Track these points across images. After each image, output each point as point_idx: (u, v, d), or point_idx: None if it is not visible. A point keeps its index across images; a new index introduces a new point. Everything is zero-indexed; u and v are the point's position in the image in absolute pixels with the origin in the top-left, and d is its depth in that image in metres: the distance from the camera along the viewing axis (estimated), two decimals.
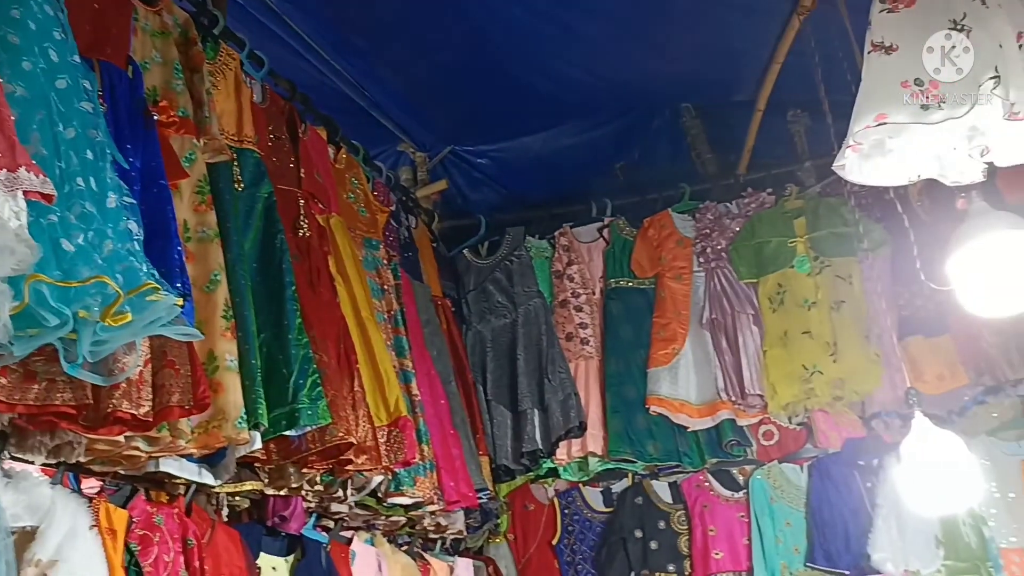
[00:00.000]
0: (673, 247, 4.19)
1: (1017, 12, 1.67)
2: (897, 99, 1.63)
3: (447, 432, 3.49)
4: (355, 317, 3.07)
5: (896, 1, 1.73)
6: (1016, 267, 2.01)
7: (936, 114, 1.59)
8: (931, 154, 1.78)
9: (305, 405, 2.39)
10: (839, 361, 3.71)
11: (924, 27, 1.67)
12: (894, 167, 1.81)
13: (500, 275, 4.22)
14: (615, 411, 3.92)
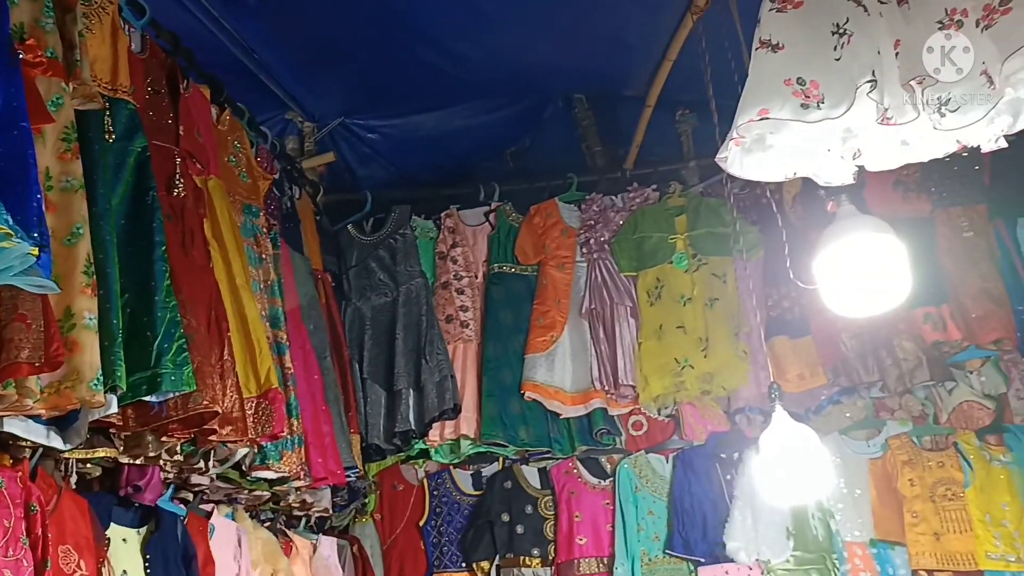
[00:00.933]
0: (557, 236, 4.22)
1: (896, 21, 1.74)
2: (780, 96, 1.68)
3: (319, 408, 3.42)
4: (229, 284, 2.96)
5: (785, 2, 1.79)
6: (876, 270, 2.12)
7: (815, 113, 1.65)
8: (808, 153, 1.85)
9: (168, 370, 2.28)
10: (709, 356, 3.83)
11: (809, 28, 1.72)
12: (773, 163, 1.87)
13: (383, 253, 4.16)
14: (490, 395, 3.92)
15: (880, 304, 2.23)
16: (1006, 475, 3.55)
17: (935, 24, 1.72)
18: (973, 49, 1.66)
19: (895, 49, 1.69)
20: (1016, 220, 3.77)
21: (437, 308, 4.11)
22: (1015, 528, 3.45)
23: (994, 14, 1.63)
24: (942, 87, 1.70)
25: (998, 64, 1.61)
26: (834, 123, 1.65)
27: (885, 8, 1.75)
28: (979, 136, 1.83)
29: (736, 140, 1.79)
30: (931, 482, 3.57)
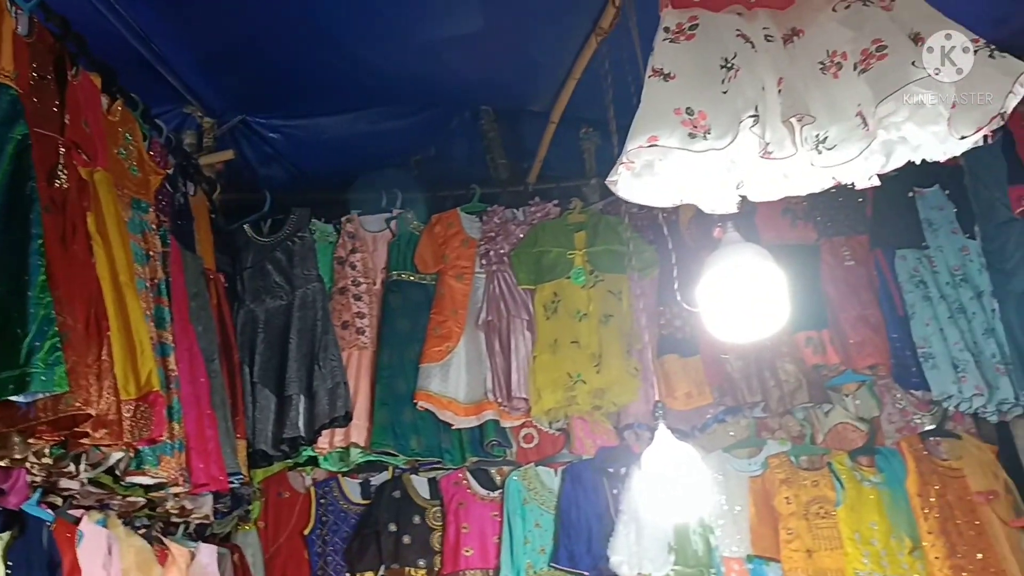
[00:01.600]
0: (458, 246, 4.22)
1: (781, 60, 1.81)
2: (669, 124, 1.72)
3: (203, 412, 3.32)
4: (112, 281, 2.85)
5: (678, 33, 1.84)
6: (756, 297, 2.19)
7: (701, 143, 1.70)
8: (694, 180, 1.90)
9: (39, 369, 2.18)
10: (602, 372, 3.88)
11: (700, 60, 1.77)
12: (661, 188, 1.91)
13: (280, 255, 4.08)
14: (383, 403, 3.89)
15: (757, 330, 2.31)
16: (875, 495, 3.71)
17: (817, 64, 1.80)
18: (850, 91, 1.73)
19: (778, 86, 1.76)
20: (895, 252, 3.96)
21: (333, 314, 4.05)
22: (882, 547, 3.61)
23: (871, 59, 1.71)
24: (819, 125, 1.77)
25: (872, 107, 1.69)
26: (719, 153, 1.71)
27: (771, 46, 1.81)
28: (853, 174, 1.92)
29: (626, 164, 1.83)
30: (806, 500, 3.71)
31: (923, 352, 3.75)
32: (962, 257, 3.89)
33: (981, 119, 1.78)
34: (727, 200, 1.96)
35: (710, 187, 1.93)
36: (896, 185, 4.05)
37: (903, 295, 3.87)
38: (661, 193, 1.93)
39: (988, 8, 3.25)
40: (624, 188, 1.89)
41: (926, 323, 3.77)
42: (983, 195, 3.85)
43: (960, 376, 3.67)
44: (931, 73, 1.67)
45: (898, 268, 3.92)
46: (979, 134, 1.81)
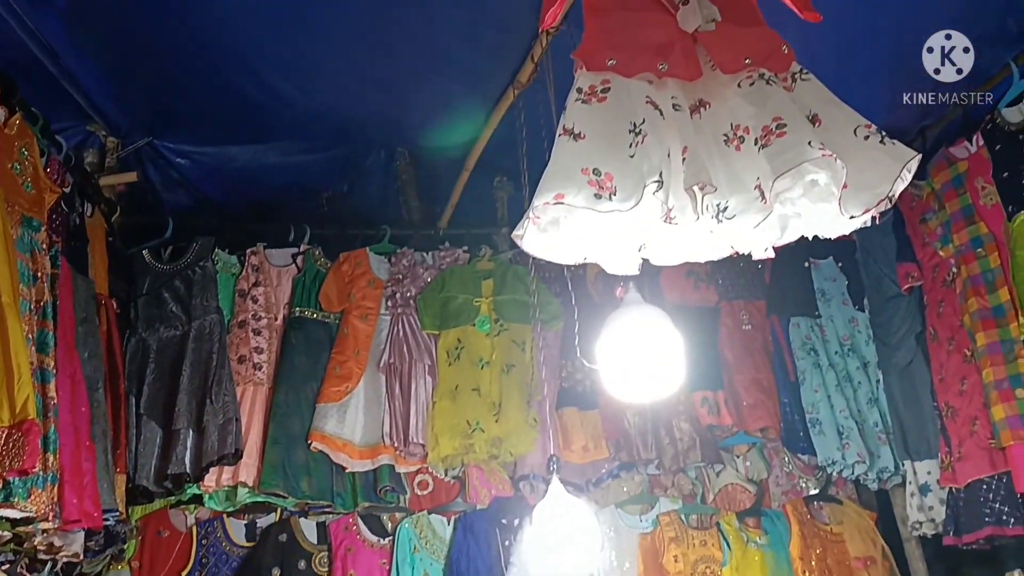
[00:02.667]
0: (364, 286, 4.18)
1: (687, 129, 1.87)
2: (576, 183, 1.75)
3: (82, 443, 3.17)
4: None
5: (591, 95, 1.88)
6: (653, 358, 2.23)
7: (606, 204, 1.73)
8: (598, 240, 1.93)
9: None
10: (500, 421, 3.88)
11: (609, 123, 1.81)
12: (566, 246, 1.94)
13: (179, 284, 3.96)
14: (275, 442, 3.78)
15: (654, 391, 2.35)
16: (760, 557, 3.78)
17: (721, 136, 1.86)
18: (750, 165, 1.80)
19: (683, 155, 1.81)
20: (789, 319, 4.10)
21: (230, 347, 3.94)
22: None
23: (770, 135, 1.78)
24: (720, 195, 1.83)
25: (770, 181, 1.76)
26: (623, 215, 1.74)
27: (678, 115, 1.87)
28: (751, 244, 1.98)
29: (533, 219, 1.85)
30: (693, 559, 3.75)
31: (811, 418, 3.87)
32: (851, 328, 4.05)
33: (870, 201, 1.87)
34: (629, 262, 2.00)
35: (613, 248, 1.96)
36: (793, 254, 4.21)
37: (795, 361, 4.00)
38: (566, 250, 1.95)
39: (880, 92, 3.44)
40: (530, 243, 1.91)
41: (815, 389, 3.91)
42: (873, 270, 4.03)
43: (844, 443, 3.80)
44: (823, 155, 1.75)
45: (791, 335, 4.06)
46: (867, 215, 1.90)
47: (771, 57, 1.92)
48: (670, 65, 1.91)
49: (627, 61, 1.91)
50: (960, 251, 3.53)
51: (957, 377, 3.51)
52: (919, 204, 3.77)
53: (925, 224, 3.74)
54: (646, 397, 2.40)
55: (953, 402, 3.52)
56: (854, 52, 3.11)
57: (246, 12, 3.08)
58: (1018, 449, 3.19)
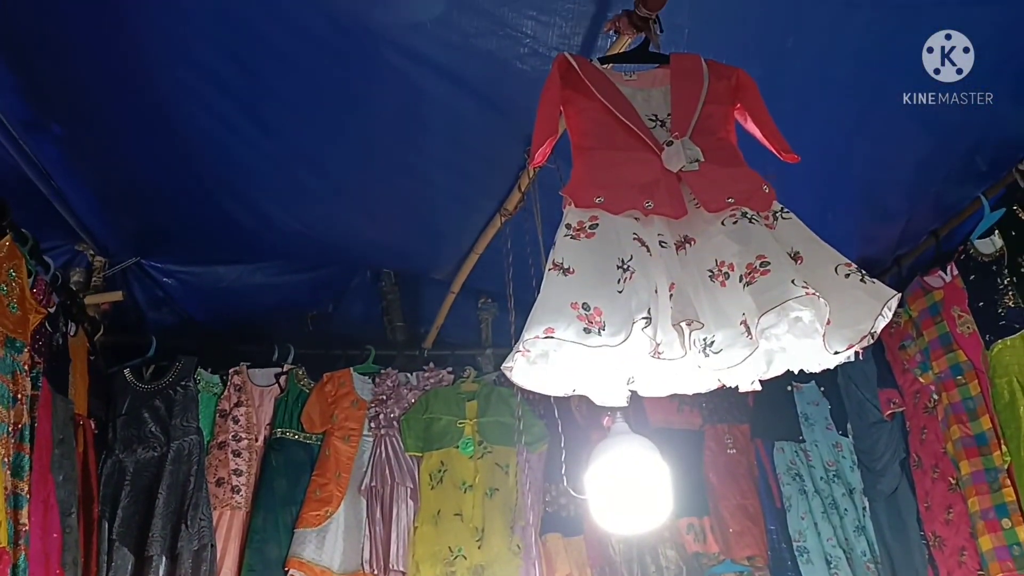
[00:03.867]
0: (348, 407, 4.15)
1: (673, 265, 1.92)
2: (565, 318, 1.78)
3: (52, 571, 3.07)
4: None
5: (579, 231, 1.93)
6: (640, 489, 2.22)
7: (595, 339, 1.75)
8: (587, 373, 1.95)
9: None
10: (483, 548, 3.79)
11: (598, 258, 1.86)
12: (555, 378, 1.95)
13: (160, 403, 3.92)
14: (251, 570, 3.67)
15: (640, 524, 2.32)
16: None
17: (706, 272, 1.91)
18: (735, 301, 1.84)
19: (670, 291, 1.85)
20: (774, 443, 4.09)
21: (209, 469, 3.87)
22: None
23: (755, 273, 1.82)
24: (707, 330, 1.86)
25: (755, 318, 1.79)
26: (612, 350, 1.76)
27: (665, 252, 1.92)
28: (737, 378, 2.00)
29: (522, 352, 1.87)
30: None
31: (798, 546, 3.82)
32: (835, 453, 4.05)
33: (852, 337, 1.91)
34: (617, 394, 2.01)
35: (602, 380, 1.98)
36: (776, 379, 4.23)
37: (780, 487, 3.97)
38: (555, 382, 1.96)
39: (859, 227, 3.56)
40: (519, 375, 1.92)
41: (801, 516, 3.87)
42: (855, 395, 4.05)
43: (833, 572, 3.74)
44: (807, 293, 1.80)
45: (776, 460, 4.04)
46: (850, 351, 1.93)
47: (753, 197, 1.99)
48: (656, 203, 1.97)
49: (614, 199, 1.97)
50: (940, 378, 3.57)
51: (943, 506, 3.49)
52: (897, 331, 3.83)
53: (904, 351, 3.79)
54: (633, 529, 2.37)
55: (940, 532, 3.49)
56: (830, 188, 3.23)
57: (238, 141, 3.16)
58: None
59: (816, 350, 1.92)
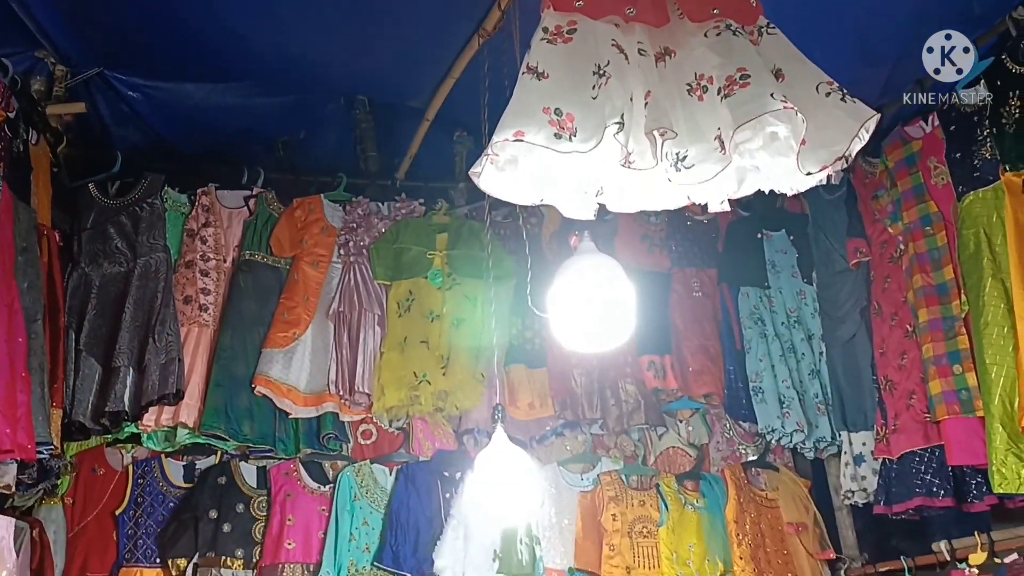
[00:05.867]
0: (317, 233, 4.13)
1: (651, 75, 1.86)
2: (537, 122, 1.73)
3: (17, 374, 3.09)
4: None
5: (556, 35, 1.86)
6: (603, 308, 2.23)
7: (566, 144, 1.72)
8: (556, 182, 1.92)
9: None
10: (448, 375, 3.88)
11: (574, 63, 1.80)
12: (523, 186, 1.92)
13: (126, 220, 3.87)
14: (218, 385, 3.74)
15: (602, 342, 2.35)
16: (696, 519, 3.84)
17: (684, 85, 1.86)
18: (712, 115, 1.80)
19: (645, 99, 1.80)
20: (739, 288, 4.14)
21: (176, 287, 3.87)
22: (696, 568, 3.74)
23: (734, 85, 1.78)
24: (680, 143, 1.83)
25: (730, 131, 1.76)
26: (582, 157, 1.73)
27: (643, 61, 1.86)
28: (707, 195, 1.99)
29: (491, 157, 1.83)
30: (631, 518, 3.80)
31: (754, 386, 3.93)
32: (799, 300, 4.11)
33: (827, 158, 1.89)
34: (586, 206, 1.99)
35: (570, 191, 1.96)
36: (747, 226, 4.25)
37: (743, 330, 4.05)
38: (522, 191, 1.94)
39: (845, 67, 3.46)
40: (487, 181, 1.89)
41: (760, 359, 3.96)
42: (823, 244, 4.09)
43: (784, 412, 3.87)
44: (784, 107, 1.75)
45: (740, 304, 4.11)
46: (823, 172, 1.91)
47: (740, 9, 1.93)
48: (638, 10, 1.90)
49: (595, 3, 1.90)
50: (909, 229, 3.59)
51: (898, 352, 3.58)
52: (872, 181, 3.82)
53: (877, 201, 3.80)
54: (596, 347, 2.40)
55: (892, 376, 3.59)
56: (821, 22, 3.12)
57: None
58: (952, 423, 3.28)
59: (789, 171, 1.90)
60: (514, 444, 2.96)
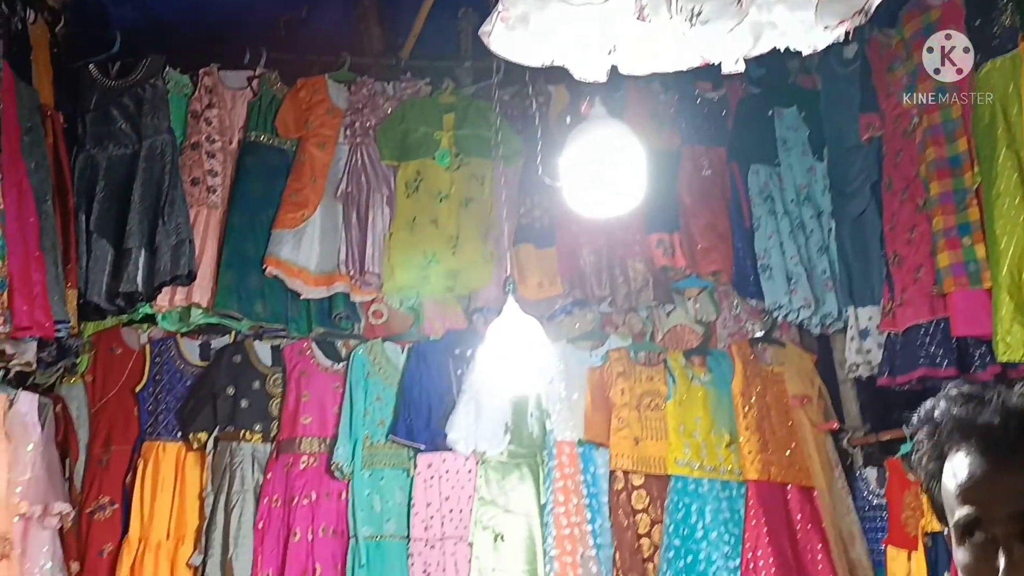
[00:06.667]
0: (322, 114, 4.08)
1: None
2: None
3: (31, 253, 3.13)
4: None
5: None
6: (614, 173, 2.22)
7: None
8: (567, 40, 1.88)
9: None
10: (457, 255, 3.90)
11: None
12: (533, 45, 1.88)
13: (128, 101, 3.82)
14: (229, 265, 3.76)
15: (614, 207, 2.35)
16: (703, 393, 3.92)
17: None
18: None
19: None
20: (749, 166, 4.11)
21: (183, 169, 3.85)
22: (703, 439, 3.83)
23: None
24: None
25: None
26: (595, 10, 1.69)
27: None
28: (722, 54, 1.95)
29: (501, 14, 1.79)
30: (639, 393, 3.87)
31: (762, 263, 3.95)
32: (809, 177, 4.08)
33: (846, 12, 1.83)
34: (598, 67, 1.96)
35: (582, 50, 1.92)
36: (758, 102, 4.19)
37: (752, 208, 4.04)
38: (533, 50, 1.90)
39: None
40: (497, 41, 1.85)
41: (769, 236, 3.97)
42: (835, 120, 4.03)
43: (792, 288, 3.89)
44: None
45: (750, 182, 4.08)
46: (842, 27, 1.86)
47: None
48: None
49: None
50: (924, 101, 3.53)
51: (907, 226, 3.57)
52: (888, 53, 3.74)
53: (892, 73, 3.72)
54: (608, 211, 2.40)
55: (901, 250, 3.60)
56: None
57: None
58: (958, 296, 3.30)
59: (807, 26, 1.85)
60: None
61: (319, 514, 3.64)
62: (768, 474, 3.74)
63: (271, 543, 3.58)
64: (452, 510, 3.70)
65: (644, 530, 3.69)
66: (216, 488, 3.62)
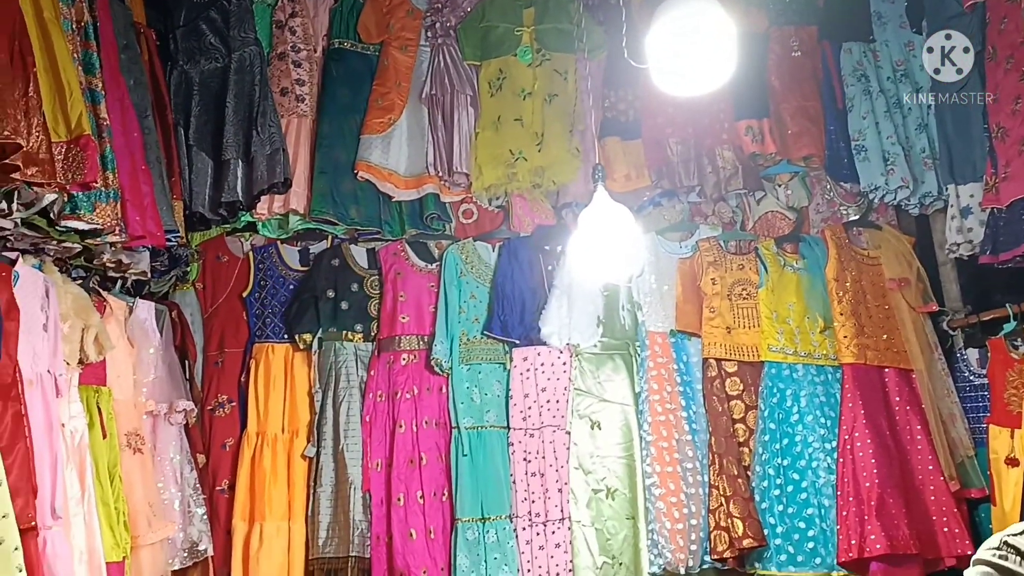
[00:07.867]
0: (403, 16, 4.09)
1: None
2: None
3: (138, 167, 3.27)
4: (36, 17, 2.74)
5: None
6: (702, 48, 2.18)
7: None
8: None
9: None
10: (543, 151, 3.90)
11: None
12: None
13: (216, 15, 3.89)
14: (322, 172, 3.87)
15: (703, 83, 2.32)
16: (795, 280, 3.88)
17: None
18: None
19: None
20: (841, 45, 3.96)
21: (272, 79, 3.93)
22: (796, 326, 3.81)
23: None
24: None
25: None
26: None
27: None
28: None
29: None
30: (730, 282, 3.86)
31: (856, 144, 3.83)
32: (906, 52, 3.91)
33: None
34: None
35: None
36: None
37: (844, 88, 3.90)
38: None
39: None
40: None
41: (863, 116, 3.84)
42: None
43: (889, 169, 3.78)
44: None
45: (843, 61, 3.94)
46: None
47: None
48: None
49: None
50: None
51: (1011, 97, 3.40)
52: None
53: None
54: (697, 89, 2.37)
55: (1004, 123, 3.44)
56: None
57: None
58: None
59: None
60: None
61: (422, 407, 3.80)
62: (864, 358, 3.71)
63: (378, 435, 3.76)
64: (549, 400, 3.81)
65: (739, 415, 3.73)
66: (324, 385, 3.80)
